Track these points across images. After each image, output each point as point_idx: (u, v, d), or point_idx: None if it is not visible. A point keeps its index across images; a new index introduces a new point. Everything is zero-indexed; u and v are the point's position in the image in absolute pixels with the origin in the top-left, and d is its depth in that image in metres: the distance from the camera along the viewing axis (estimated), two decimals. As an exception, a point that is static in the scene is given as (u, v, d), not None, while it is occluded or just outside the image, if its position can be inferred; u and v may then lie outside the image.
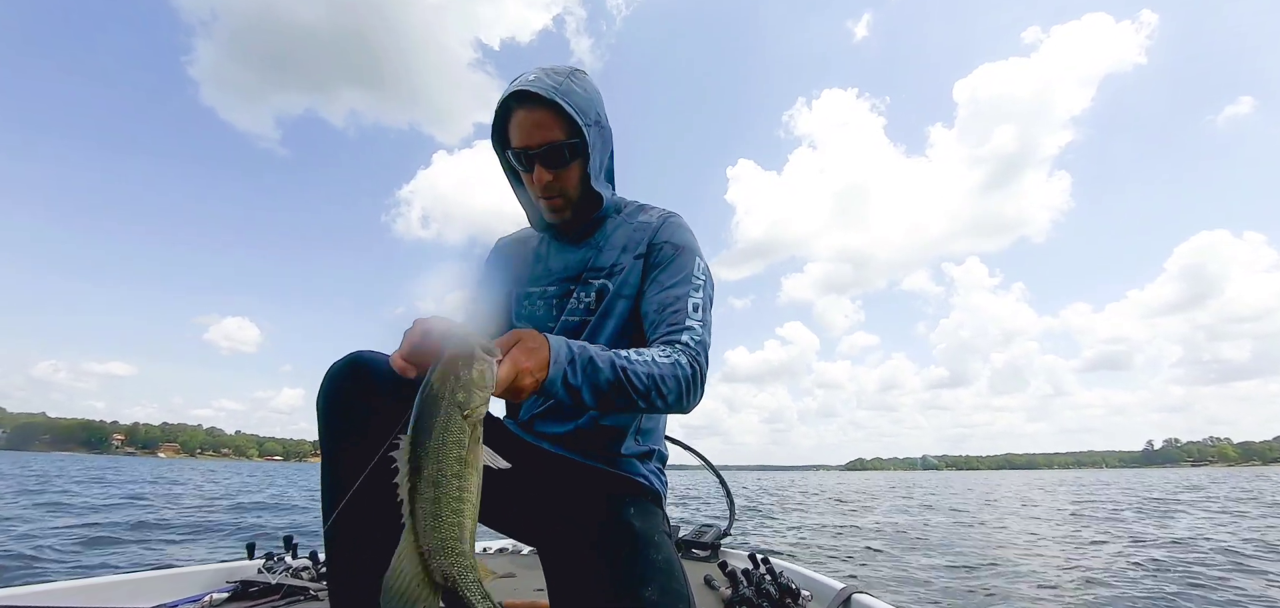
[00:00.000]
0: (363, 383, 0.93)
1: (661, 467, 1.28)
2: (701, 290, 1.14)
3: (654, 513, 1.15)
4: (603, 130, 1.18)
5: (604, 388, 0.89)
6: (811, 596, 2.02)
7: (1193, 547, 6.91)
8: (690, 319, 1.08)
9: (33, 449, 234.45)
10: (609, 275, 1.19)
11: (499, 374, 0.72)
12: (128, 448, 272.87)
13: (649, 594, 0.93)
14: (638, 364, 0.93)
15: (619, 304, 1.17)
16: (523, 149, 1.12)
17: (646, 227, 1.23)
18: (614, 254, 1.21)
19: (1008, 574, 5.37)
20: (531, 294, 1.26)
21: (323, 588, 1.99)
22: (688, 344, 1.04)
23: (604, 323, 1.17)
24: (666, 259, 1.17)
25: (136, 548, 6.31)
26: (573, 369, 0.85)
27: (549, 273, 1.26)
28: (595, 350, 0.89)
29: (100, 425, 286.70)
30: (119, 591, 1.80)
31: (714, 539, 2.86)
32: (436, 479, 0.67)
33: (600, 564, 0.99)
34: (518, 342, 0.79)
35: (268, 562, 2.10)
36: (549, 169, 1.13)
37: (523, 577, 2.39)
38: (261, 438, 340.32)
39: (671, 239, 1.20)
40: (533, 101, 1.09)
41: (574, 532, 1.07)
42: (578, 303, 1.20)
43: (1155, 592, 4.60)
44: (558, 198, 1.17)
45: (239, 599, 1.90)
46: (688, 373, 1.00)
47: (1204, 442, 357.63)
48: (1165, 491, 22.43)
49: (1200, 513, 11.53)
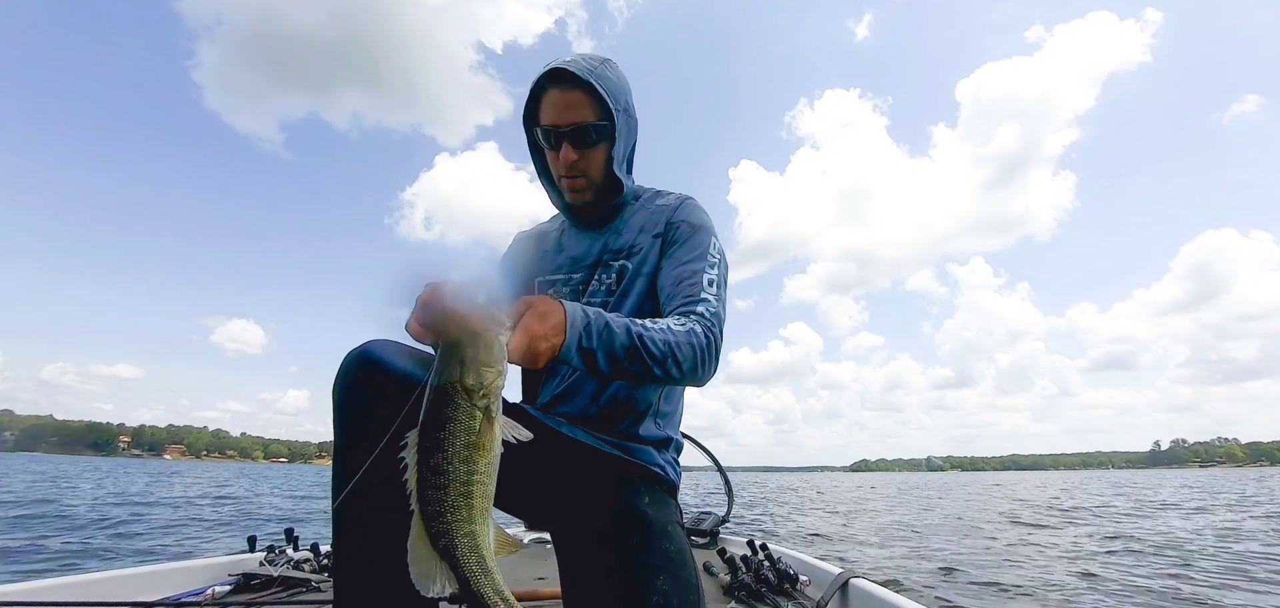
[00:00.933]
0: (376, 373, 0.93)
1: (677, 457, 1.28)
2: (717, 267, 1.16)
3: (668, 503, 1.15)
4: (630, 118, 1.22)
5: (619, 354, 0.88)
6: (810, 581, 2.04)
7: (1195, 546, 6.86)
8: (705, 292, 1.10)
9: (40, 451, 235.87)
10: (628, 256, 1.22)
11: (512, 344, 0.70)
12: (134, 450, 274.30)
13: (661, 584, 0.93)
14: (654, 331, 0.93)
15: (637, 282, 1.20)
16: (552, 127, 1.15)
17: (664, 208, 1.26)
18: (632, 235, 1.24)
19: (1009, 569, 5.34)
20: (555, 281, 1.27)
21: (325, 579, 2.00)
22: (703, 314, 1.05)
23: (622, 302, 1.19)
24: (683, 237, 1.20)
25: (139, 544, 6.34)
26: (588, 334, 0.84)
27: (572, 261, 1.27)
28: (611, 315, 0.89)
29: (106, 427, 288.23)
30: (122, 585, 1.80)
31: (713, 526, 2.88)
32: (443, 467, 0.66)
33: (613, 552, 0.98)
34: (529, 308, 0.78)
35: (269, 555, 2.10)
36: (575, 149, 1.16)
37: (524, 565, 2.39)
38: (267, 440, 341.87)
39: (688, 218, 1.23)
40: (567, 81, 1.13)
41: (587, 518, 1.06)
42: (599, 285, 1.23)
43: (1158, 592, 4.57)
44: (581, 179, 1.19)
45: (241, 592, 1.90)
46: (703, 341, 1.01)
47: (1212, 442, 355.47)
48: (1171, 491, 22.29)
49: (1190, 511, 11.45)
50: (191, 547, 6.42)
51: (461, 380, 0.65)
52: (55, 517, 8.69)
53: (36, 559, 5.33)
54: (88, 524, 7.95)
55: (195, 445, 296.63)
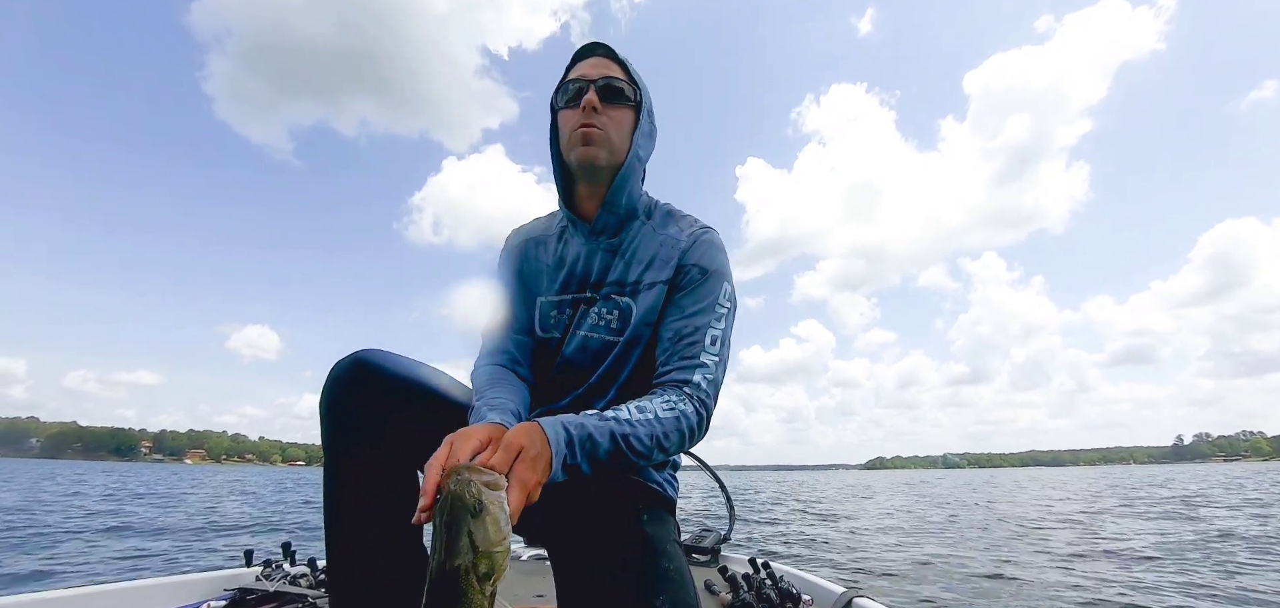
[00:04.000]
0: (368, 383, 0.92)
1: (674, 474, 1.24)
2: (724, 319, 1.08)
3: (666, 521, 1.12)
4: (652, 123, 1.19)
5: (604, 460, 0.87)
6: (812, 600, 1.99)
7: (1216, 543, 6.66)
8: (706, 354, 1.04)
9: (66, 457, 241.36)
10: (633, 294, 1.12)
11: (511, 505, 0.67)
12: (155, 455, 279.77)
13: (659, 603, 0.91)
14: (640, 427, 0.90)
15: (645, 333, 1.12)
16: (580, 77, 1.11)
17: (676, 244, 1.14)
18: (639, 269, 1.13)
19: (1019, 572, 5.20)
20: (559, 303, 1.18)
21: (321, 595, 1.95)
22: (698, 385, 1.01)
23: (632, 351, 1.12)
24: (693, 283, 1.10)
25: (140, 551, 6.39)
26: (572, 451, 0.82)
27: (572, 277, 1.18)
28: (594, 425, 0.86)
29: (129, 433, 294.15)
30: (116, 599, 1.76)
31: (714, 544, 2.82)
32: None
33: (611, 570, 0.97)
34: (518, 455, 0.74)
35: (266, 569, 2.06)
36: (602, 99, 1.10)
37: (522, 582, 2.33)
38: (284, 444, 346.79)
39: (701, 262, 1.12)
40: (605, 52, 1.13)
41: (585, 536, 1.03)
42: (599, 320, 1.13)
43: (1165, 592, 4.41)
44: (599, 131, 1.09)
45: (236, 607, 1.86)
46: (692, 422, 0.98)
47: (1236, 436, 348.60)
48: (1198, 485, 21.81)
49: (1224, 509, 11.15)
50: (193, 559, 6.45)
51: (475, 568, 0.61)
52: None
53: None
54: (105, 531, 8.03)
55: (215, 450, 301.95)
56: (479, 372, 1.11)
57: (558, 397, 1.17)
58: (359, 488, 0.93)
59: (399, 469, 0.96)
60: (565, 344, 1.15)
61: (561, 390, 1.16)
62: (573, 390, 1.15)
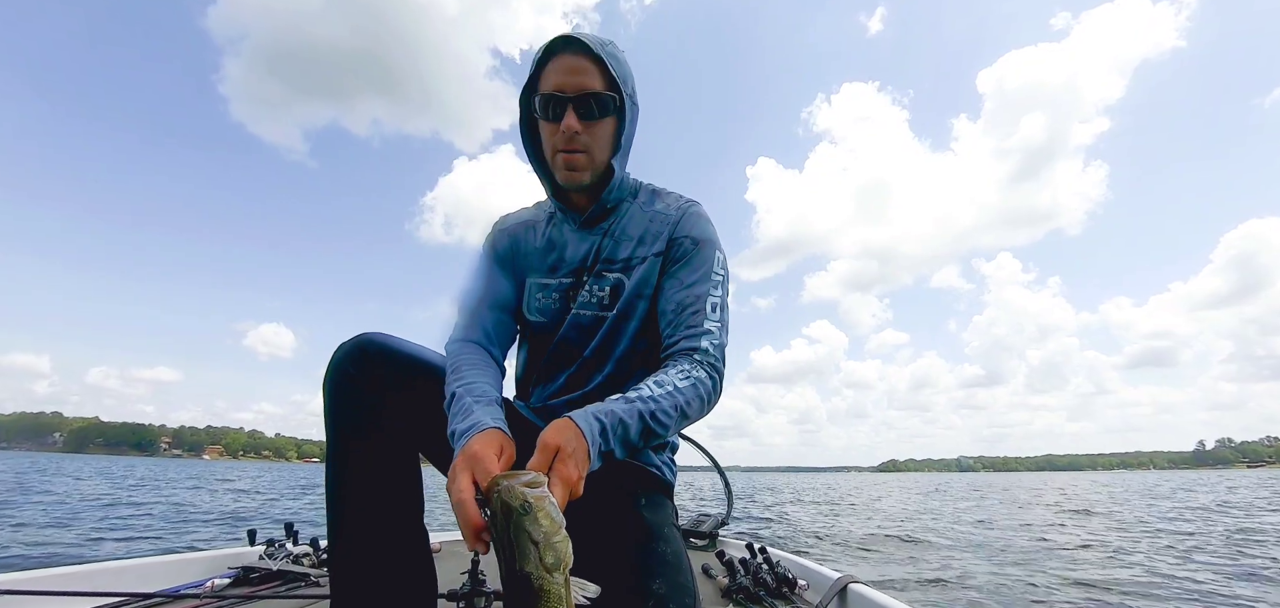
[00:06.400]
0: (371, 364, 0.92)
1: (673, 457, 1.24)
2: (720, 286, 1.11)
3: (664, 505, 1.13)
4: (634, 107, 1.14)
5: (635, 440, 0.89)
6: (808, 585, 2.01)
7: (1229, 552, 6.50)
8: (708, 321, 1.05)
9: (88, 452, 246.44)
10: (625, 269, 1.13)
11: (558, 501, 0.70)
12: (174, 451, 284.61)
13: (657, 587, 0.92)
14: (663, 401, 0.91)
15: (639, 305, 1.12)
16: (556, 92, 1.04)
17: (665, 218, 1.16)
18: (630, 246, 1.14)
19: (1024, 573, 5.12)
20: (547, 286, 1.18)
21: (323, 574, 1.98)
22: (707, 351, 1.03)
23: (625, 324, 1.12)
24: (686, 254, 1.12)
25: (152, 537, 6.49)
26: (606, 439, 0.84)
27: (562, 261, 1.17)
28: (621, 409, 0.87)
29: (149, 429, 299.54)
30: (122, 576, 1.79)
31: (712, 529, 2.85)
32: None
33: (610, 555, 0.97)
34: (557, 453, 0.76)
35: (269, 548, 2.08)
36: (580, 118, 1.05)
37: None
38: (299, 440, 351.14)
39: (691, 233, 1.14)
40: (577, 48, 1.04)
41: (583, 519, 1.03)
42: (590, 295, 1.13)
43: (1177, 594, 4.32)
44: (581, 154, 1.07)
45: (240, 585, 1.89)
46: (708, 387, 1.00)
47: (1260, 441, 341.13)
48: (1216, 493, 21.35)
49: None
50: (203, 540, 6.54)
51: (542, 562, 0.64)
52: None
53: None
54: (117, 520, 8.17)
55: (232, 446, 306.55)
56: (453, 347, 1.08)
57: (553, 376, 1.17)
58: (362, 467, 0.94)
59: (402, 449, 0.97)
60: (556, 324, 1.16)
61: (556, 369, 1.16)
62: (566, 368, 1.15)
